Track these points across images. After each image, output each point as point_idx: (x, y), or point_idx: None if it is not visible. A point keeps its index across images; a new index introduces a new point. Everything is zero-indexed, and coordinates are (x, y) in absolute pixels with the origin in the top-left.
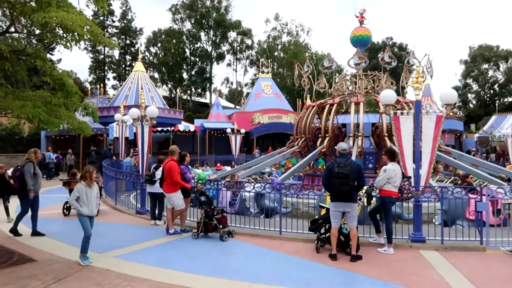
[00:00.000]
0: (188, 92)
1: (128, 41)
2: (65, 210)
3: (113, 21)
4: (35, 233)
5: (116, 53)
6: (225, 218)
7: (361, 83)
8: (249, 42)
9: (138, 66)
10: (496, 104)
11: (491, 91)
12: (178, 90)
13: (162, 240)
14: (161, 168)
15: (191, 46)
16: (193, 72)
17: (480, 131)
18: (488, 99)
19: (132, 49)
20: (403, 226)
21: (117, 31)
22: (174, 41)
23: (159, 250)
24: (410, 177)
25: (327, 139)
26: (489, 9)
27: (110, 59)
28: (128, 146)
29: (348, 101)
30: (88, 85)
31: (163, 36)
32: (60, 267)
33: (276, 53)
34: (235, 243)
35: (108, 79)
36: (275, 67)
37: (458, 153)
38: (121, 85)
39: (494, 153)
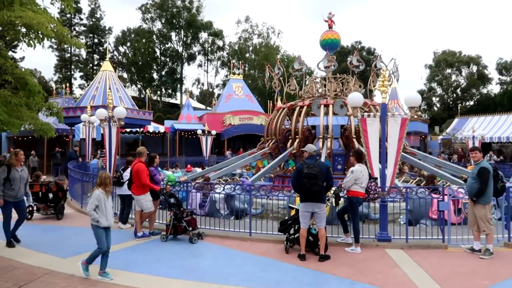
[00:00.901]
0: (158, 92)
1: (96, 40)
2: (27, 214)
3: (81, 19)
4: (12, 237)
5: (83, 52)
6: (195, 220)
7: (330, 86)
8: (220, 43)
9: (106, 65)
10: (459, 108)
11: (454, 95)
12: (147, 91)
13: (130, 243)
14: (129, 170)
15: (161, 46)
16: (163, 73)
17: (444, 133)
18: (451, 103)
19: (101, 48)
20: (370, 225)
21: (85, 29)
22: (144, 40)
23: (127, 253)
24: (376, 178)
25: (297, 140)
26: (453, 16)
27: (77, 58)
28: (95, 148)
29: (318, 103)
30: (53, 85)
31: (133, 36)
32: (21, 273)
33: (247, 55)
34: (204, 245)
35: (75, 79)
36: (246, 68)
37: (423, 154)
38: (88, 85)
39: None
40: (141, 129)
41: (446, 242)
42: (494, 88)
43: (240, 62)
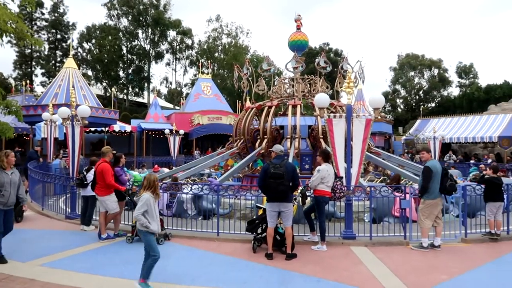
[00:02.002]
0: (125, 91)
1: (59, 36)
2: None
3: (43, 14)
4: None
5: (45, 47)
6: (162, 221)
7: (298, 87)
8: (189, 42)
9: (70, 62)
10: (421, 109)
11: (417, 97)
12: (113, 89)
13: (94, 246)
14: (93, 170)
15: (128, 43)
16: (130, 71)
17: (407, 134)
18: (414, 104)
19: (64, 44)
20: (336, 224)
21: (47, 24)
22: (109, 37)
23: (91, 256)
24: (342, 177)
25: (265, 140)
26: (417, 20)
27: (38, 54)
28: (58, 147)
29: (286, 103)
30: (12, 81)
31: (98, 32)
32: None
33: (216, 54)
34: (171, 245)
35: (36, 76)
36: (215, 68)
37: (387, 154)
38: (50, 82)
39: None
40: (107, 129)
41: (407, 238)
42: (454, 91)
43: (209, 61)
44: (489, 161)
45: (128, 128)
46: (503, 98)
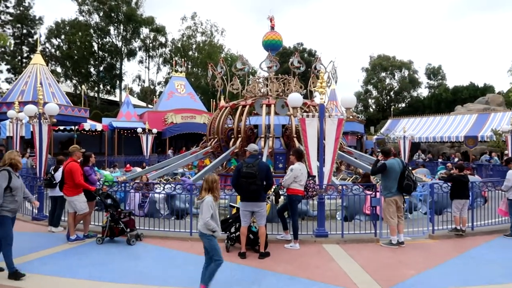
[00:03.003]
0: (96, 89)
1: (25, 31)
2: None
3: (7, 7)
4: None
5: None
6: (133, 221)
7: (272, 86)
8: (162, 39)
9: (37, 58)
10: (392, 109)
11: (388, 97)
12: (84, 87)
13: (62, 247)
14: (61, 170)
15: (99, 40)
16: (101, 68)
17: (378, 133)
18: (385, 104)
19: (30, 39)
20: (309, 222)
21: (11, 18)
22: (80, 33)
23: (59, 258)
24: (314, 176)
25: (239, 139)
26: (388, 22)
27: (3, 49)
28: (24, 146)
29: (261, 102)
30: None
31: (67, 28)
32: None
33: (190, 53)
34: (143, 246)
35: (1, 72)
36: (189, 66)
37: (359, 153)
38: (16, 79)
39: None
40: (76, 127)
41: (378, 235)
42: (423, 92)
43: (183, 59)
44: (456, 160)
45: (99, 126)
46: (469, 99)
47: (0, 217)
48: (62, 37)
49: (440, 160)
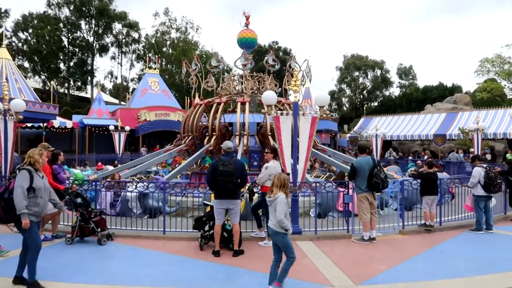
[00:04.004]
0: (66, 85)
1: None
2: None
3: None
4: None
5: None
6: (104, 221)
7: (247, 84)
8: (136, 35)
9: (2, 52)
10: (364, 108)
11: (361, 96)
12: (53, 82)
13: None
14: None
15: (69, 34)
16: (71, 64)
17: (351, 132)
18: (358, 103)
19: None
20: None
21: None
22: (48, 27)
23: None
24: (288, 174)
25: (214, 137)
26: (361, 23)
27: None
28: None
29: (235, 100)
30: None
31: (35, 21)
32: None
33: (164, 49)
34: (115, 246)
35: None
36: (163, 63)
37: (332, 151)
38: None
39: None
40: (45, 124)
41: (350, 232)
42: (395, 91)
43: (157, 56)
44: (425, 157)
45: (69, 124)
46: (438, 98)
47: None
48: (30, 31)
49: (410, 157)
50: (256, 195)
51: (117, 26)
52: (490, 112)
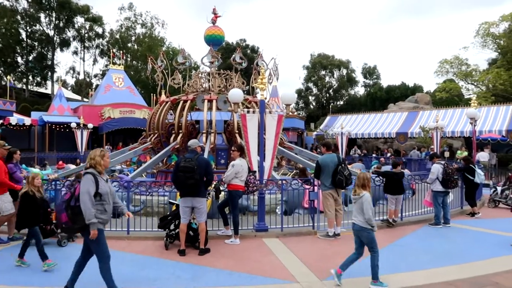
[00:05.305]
0: (24, 80)
1: None
2: None
3: None
4: None
5: None
6: None
7: (214, 81)
8: (99, 30)
9: None
10: (331, 106)
11: (327, 95)
12: (9, 77)
13: None
14: None
15: (28, 27)
16: (30, 58)
17: (318, 130)
18: (325, 102)
19: None
20: (250, 217)
21: None
22: (5, 20)
23: None
24: (255, 171)
25: (180, 135)
26: (328, 22)
27: None
28: None
29: (201, 98)
30: None
31: None
32: None
33: (129, 45)
34: (76, 247)
35: None
36: (128, 59)
37: (299, 148)
38: None
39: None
40: (1, 121)
41: (315, 228)
42: (360, 90)
43: (122, 52)
44: (388, 154)
45: (27, 121)
46: (401, 98)
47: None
48: None
49: (374, 155)
50: (223, 193)
51: (79, 20)
52: (448, 111)
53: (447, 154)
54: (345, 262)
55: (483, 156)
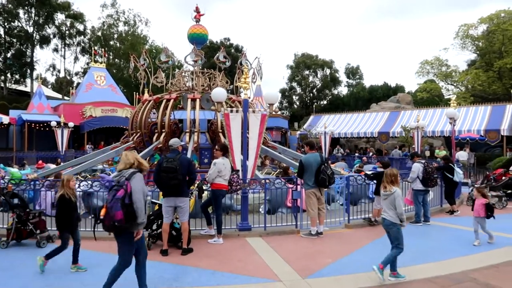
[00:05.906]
0: (2, 77)
1: None
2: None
3: None
4: None
5: None
6: (44, 222)
7: (198, 80)
8: (80, 27)
9: None
10: (314, 106)
11: (311, 94)
12: None
13: None
14: None
15: (5, 23)
16: (8, 55)
17: (301, 129)
18: (308, 101)
19: None
20: (233, 216)
21: None
22: None
23: None
24: (238, 170)
25: (163, 134)
26: (312, 22)
27: None
28: None
29: (186, 97)
30: None
31: None
32: None
33: (112, 42)
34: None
35: None
36: (110, 57)
37: (282, 148)
38: None
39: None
40: None
41: (298, 227)
42: (343, 90)
43: (104, 49)
44: (370, 154)
45: (5, 119)
46: (383, 98)
47: (129, 233)
48: None
49: (357, 154)
50: (206, 192)
51: (60, 17)
52: (429, 111)
53: (427, 153)
54: (387, 260)
55: (462, 155)
